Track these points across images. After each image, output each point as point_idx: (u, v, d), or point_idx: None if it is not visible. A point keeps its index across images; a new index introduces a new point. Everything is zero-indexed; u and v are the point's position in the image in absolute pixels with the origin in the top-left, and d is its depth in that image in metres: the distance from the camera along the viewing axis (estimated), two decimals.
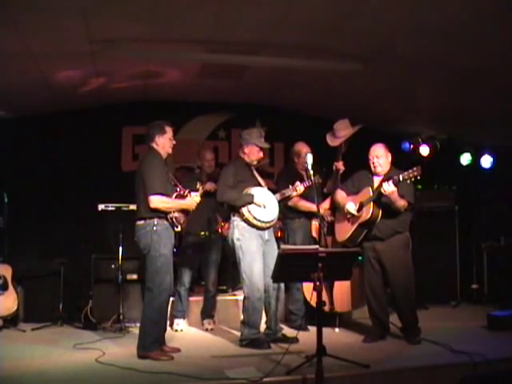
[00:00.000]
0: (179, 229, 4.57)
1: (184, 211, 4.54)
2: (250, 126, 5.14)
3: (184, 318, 5.70)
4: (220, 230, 5.84)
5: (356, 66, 5.27)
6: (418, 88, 5.96)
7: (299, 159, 5.59)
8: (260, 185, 5.00)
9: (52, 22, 4.28)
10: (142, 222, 4.43)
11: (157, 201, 4.34)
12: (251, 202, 4.79)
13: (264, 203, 4.83)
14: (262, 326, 4.94)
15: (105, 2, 4.11)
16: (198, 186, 4.93)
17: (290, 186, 5.17)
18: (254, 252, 4.79)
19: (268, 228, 4.92)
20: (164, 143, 4.56)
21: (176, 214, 4.46)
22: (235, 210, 4.85)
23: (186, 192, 4.60)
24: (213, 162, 5.88)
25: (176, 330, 5.55)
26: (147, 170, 4.43)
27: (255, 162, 5.04)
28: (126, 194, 5.06)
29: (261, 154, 4.99)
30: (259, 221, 4.81)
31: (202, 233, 5.67)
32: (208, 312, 5.72)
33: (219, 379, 3.77)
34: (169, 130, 4.59)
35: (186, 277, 5.66)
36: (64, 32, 4.51)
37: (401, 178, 4.61)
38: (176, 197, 4.53)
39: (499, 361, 4.12)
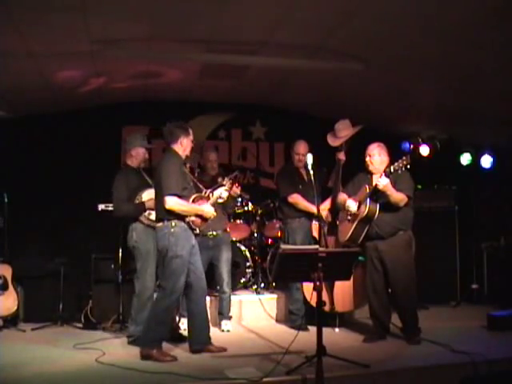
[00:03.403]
0: (198, 231, 4.59)
1: (201, 216, 4.53)
2: (133, 133, 5.59)
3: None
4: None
5: (356, 66, 5.27)
6: (418, 88, 5.95)
7: (293, 154, 5.70)
8: (150, 185, 5.02)
9: (52, 21, 4.27)
10: (160, 224, 4.45)
11: (172, 202, 4.33)
12: (145, 209, 4.91)
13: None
14: None
15: (105, 2, 4.10)
16: (222, 181, 4.95)
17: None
18: (147, 255, 4.94)
19: None
20: (187, 145, 4.62)
21: (193, 218, 4.46)
22: (136, 219, 4.98)
23: (208, 192, 4.62)
24: (216, 164, 5.85)
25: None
26: (164, 170, 4.44)
27: (142, 165, 5.24)
28: None
29: (146, 156, 5.29)
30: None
31: (210, 233, 5.59)
32: (225, 314, 5.62)
33: (219, 379, 3.77)
34: (191, 132, 4.66)
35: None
36: (64, 32, 4.50)
37: (391, 170, 4.65)
38: (196, 198, 4.52)
39: (499, 361, 4.13)
